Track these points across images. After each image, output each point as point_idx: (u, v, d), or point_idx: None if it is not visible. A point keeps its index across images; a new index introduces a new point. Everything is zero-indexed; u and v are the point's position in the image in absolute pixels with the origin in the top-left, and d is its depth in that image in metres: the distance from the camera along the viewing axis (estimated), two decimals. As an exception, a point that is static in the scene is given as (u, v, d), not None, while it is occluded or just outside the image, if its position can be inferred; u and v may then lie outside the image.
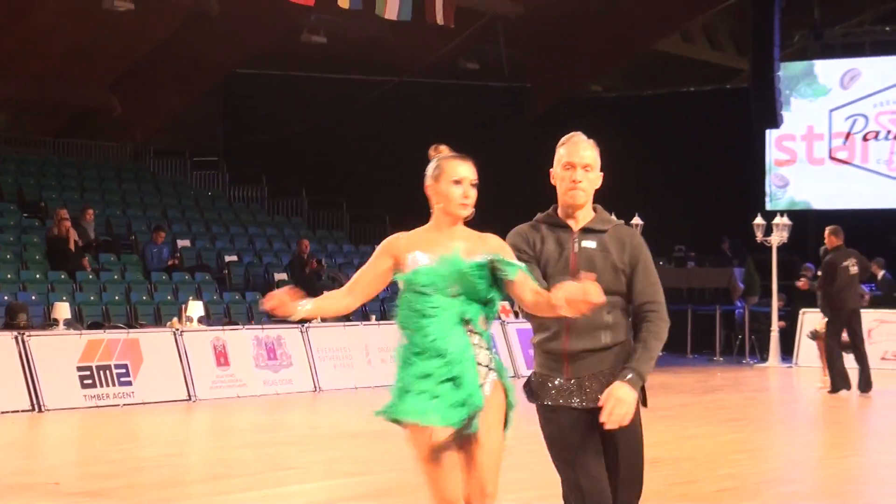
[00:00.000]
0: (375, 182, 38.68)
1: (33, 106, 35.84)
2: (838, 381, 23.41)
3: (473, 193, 7.76)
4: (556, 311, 7.35)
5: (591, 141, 7.96)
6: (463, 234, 7.80)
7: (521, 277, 7.53)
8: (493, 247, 7.69)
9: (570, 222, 7.78)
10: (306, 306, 7.71)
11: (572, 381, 7.72)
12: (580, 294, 7.14)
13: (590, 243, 7.71)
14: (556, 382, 7.75)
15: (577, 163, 7.79)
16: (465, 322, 7.68)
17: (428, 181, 7.87)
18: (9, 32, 32.19)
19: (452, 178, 7.75)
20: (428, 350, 7.57)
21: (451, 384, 7.59)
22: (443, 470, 7.59)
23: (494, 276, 7.64)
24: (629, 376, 7.53)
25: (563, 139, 8.00)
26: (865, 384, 23.40)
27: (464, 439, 7.59)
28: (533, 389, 7.84)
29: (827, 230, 24.00)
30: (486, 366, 7.70)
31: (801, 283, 25.54)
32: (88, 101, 36.45)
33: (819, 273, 23.85)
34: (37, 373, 21.07)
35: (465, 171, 7.76)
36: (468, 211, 7.74)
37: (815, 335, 24.66)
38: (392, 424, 7.72)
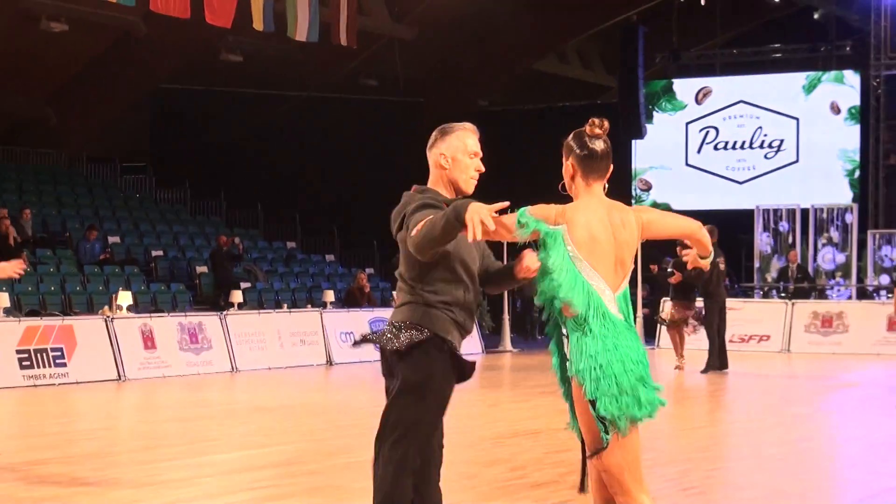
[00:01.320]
0: (287, 185, 38.62)
1: (-25, 116, 35.57)
2: (716, 361, 23.58)
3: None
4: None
5: None
6: None
7: None
8: None
9: None
10: None
11: None
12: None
13: None
14: None
15: (479, 154, 7.49)
16: None
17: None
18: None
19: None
20: None
21: None
22: None
23: None
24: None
25: (456, 126, 7.61)
26: (722, 364, 23.61)
27: None
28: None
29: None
30: None
31: (675, 279, 25.42)
32: (26, 113, 36.15)
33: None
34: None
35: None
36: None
37: (664, 322, 24.80)
38: (314, 402, 7.74)
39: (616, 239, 6.86)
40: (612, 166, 7.23)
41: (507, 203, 6.93)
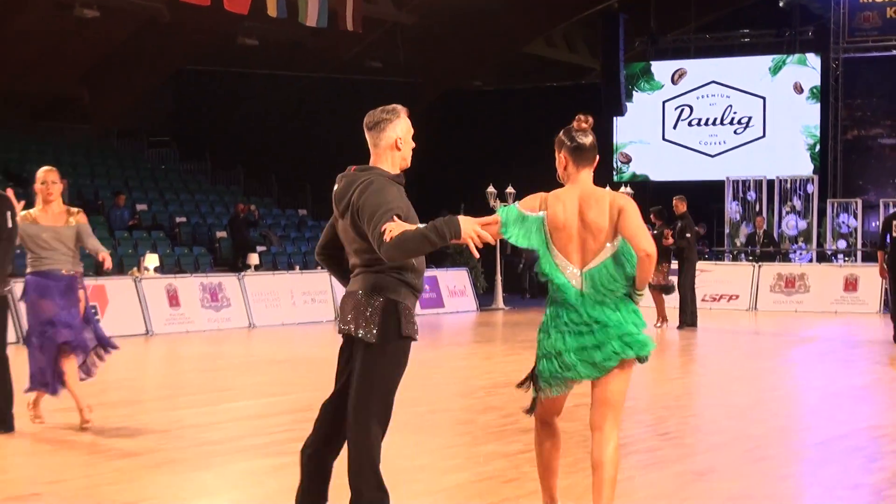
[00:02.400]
0: (298, 157, 38.57)
1: (16, 96, 35.42)
2: (689, 318, 23.67)
3: None
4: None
5: None
6: None
7: None
8: None
9: None
10: None
11: None
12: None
13: None
14: None
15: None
16: None
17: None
18: (-5, 35, 31.87)
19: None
20: None
21: None
22: None
23: None
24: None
25: (400, 109, 7.60)
26: (693, 321, 23.69)
27: None
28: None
29: (676, 199, 24.05)
30: None
31: (668, 242, 25.46)
32: (62, 92, 36.07)
33: (680, 232, 23.64)
34: (20, 312, 20.92)
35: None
36: None
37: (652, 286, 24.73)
38: (323, 355, 7.80)
39: (583, 222, 7.13)
40: (598, 156, 7.50)
41: (497, 217, 7.18)
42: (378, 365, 7.07)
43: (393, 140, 7.40)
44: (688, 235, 23.64)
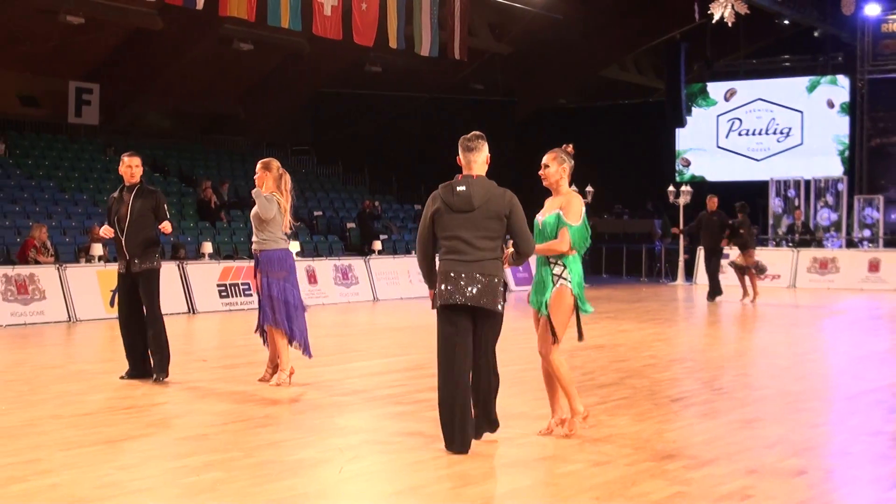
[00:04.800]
0: (414, 162, 38.71)
1: (188, 114, 35.88)
2: (718, 289, 23.47)
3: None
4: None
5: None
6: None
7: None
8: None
9: None
10: None
11: None
12: None
13: None
14: None
15: None
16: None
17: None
18: (167, 67, 32.22)
19: None
20: None
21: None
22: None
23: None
24: None
25: (483, 137, 8.44)
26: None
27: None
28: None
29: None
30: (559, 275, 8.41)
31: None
32: (223, 111, 36.46)
33: (733, 225, 23.38)
34: (191, 288, 21.17)
35: None
36: None
37: (737, 266, 24.07)
38: (434, 323, 7.97)
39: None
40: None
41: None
42: (498, 325, 8.13)
43: (486, 157, 8.19)
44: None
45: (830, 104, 37.34)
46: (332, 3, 25.44)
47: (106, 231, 11.65)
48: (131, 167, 11.75)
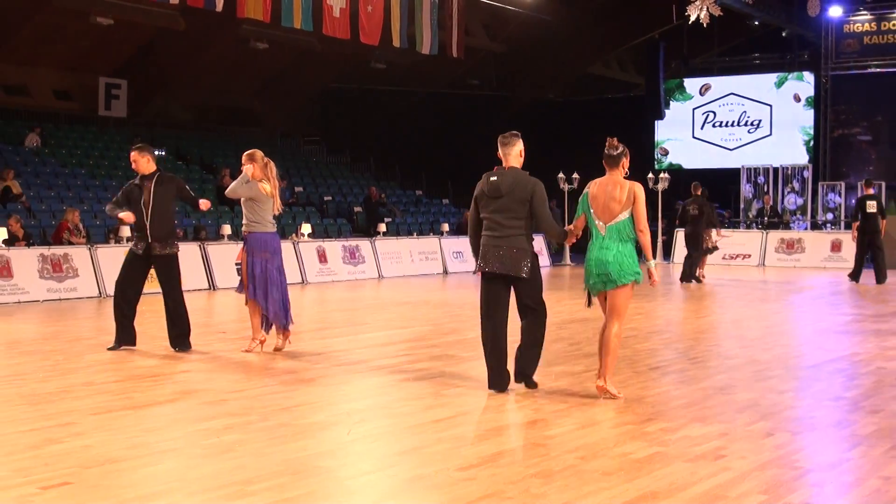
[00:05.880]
0: (415, 151, 38.70)
1: (208, 108, 35.83)
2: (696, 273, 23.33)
3: None
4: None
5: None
6: None
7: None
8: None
9: None
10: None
11: None
12: None
13: None
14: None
15: None
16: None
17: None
18: (189, 64, 32.20)
19: None
20: None
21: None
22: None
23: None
24: None
25: (518, 134, 9.15)
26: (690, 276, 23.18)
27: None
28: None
29: (695, 184, 23.67)
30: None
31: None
32: (240, 104, 36.41)
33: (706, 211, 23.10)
34: (212, 266, 21.18)
35: None
36: None
37: (715, 248, 23.79)
38: (434, 298, 7.88)
39: (606, 196, 8.59)
40: (623, 161, 8.75)
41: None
42: (531, 287, 8.84)
43: (520, 150, 9.05)
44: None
45: (797, 98, 37.32)
46: (341, 5, 25.42)
47: (128, 216, 11.65)
48: (137, 161, 11.79)
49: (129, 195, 11.78)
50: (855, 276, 23.14)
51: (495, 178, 8.82)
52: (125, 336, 11.70)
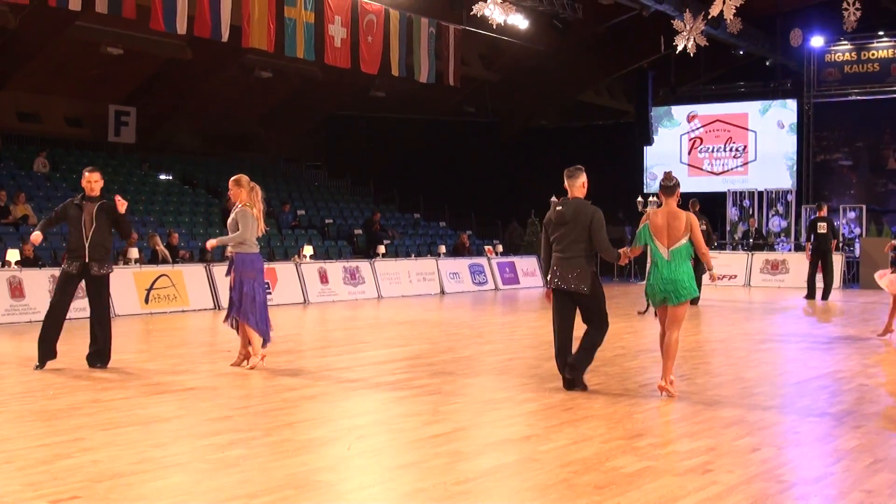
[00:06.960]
0: (414, 176, 38.68)
1: (215, 134, 35.85)
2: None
3: None
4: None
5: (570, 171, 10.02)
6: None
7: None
8: None
9: None
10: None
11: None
12: None
13: None
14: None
15: None
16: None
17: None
18: (196, 92, 32.25)
19: None
20: None
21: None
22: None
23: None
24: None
25: (582, 168, 10.11)
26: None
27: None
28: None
29: (692, 201, 23.67)
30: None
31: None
32: (245, 131, 36.44)
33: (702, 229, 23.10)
34: (217, 287, 21.15)
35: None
36: None
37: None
38: (432, 318, 7.82)
39: (669, 226, 9.72)
40: (677, 191, 9.89)
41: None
42: (593, 301, 9.87)
43: (583, 182, 10.02)
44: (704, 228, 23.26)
45: (780, 125, 37.38)
46: (342, 35, 25.44)
47: (36, 237, 11.89)
48: (90, 182, 11.90)
49: (66, 212, 11.88)
50: (810, 294, 24.14)
51: (561, 207, 9.88)
52: (47, 356, 11.81)
